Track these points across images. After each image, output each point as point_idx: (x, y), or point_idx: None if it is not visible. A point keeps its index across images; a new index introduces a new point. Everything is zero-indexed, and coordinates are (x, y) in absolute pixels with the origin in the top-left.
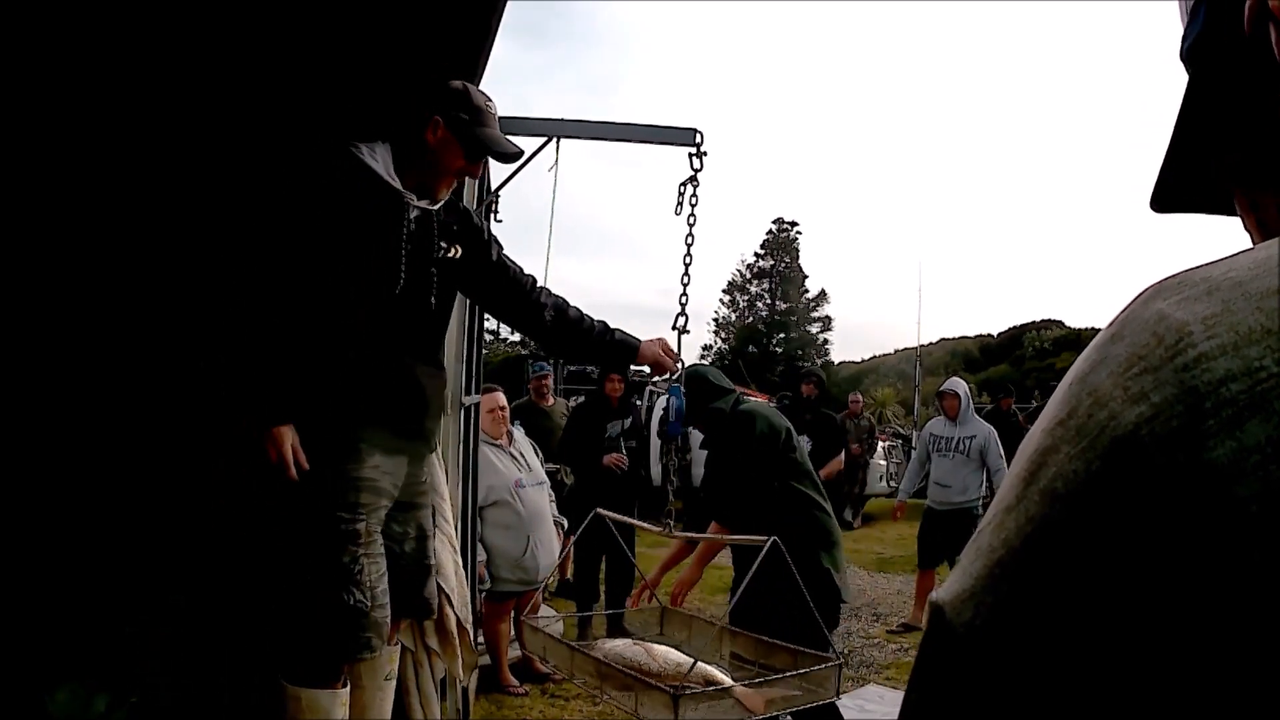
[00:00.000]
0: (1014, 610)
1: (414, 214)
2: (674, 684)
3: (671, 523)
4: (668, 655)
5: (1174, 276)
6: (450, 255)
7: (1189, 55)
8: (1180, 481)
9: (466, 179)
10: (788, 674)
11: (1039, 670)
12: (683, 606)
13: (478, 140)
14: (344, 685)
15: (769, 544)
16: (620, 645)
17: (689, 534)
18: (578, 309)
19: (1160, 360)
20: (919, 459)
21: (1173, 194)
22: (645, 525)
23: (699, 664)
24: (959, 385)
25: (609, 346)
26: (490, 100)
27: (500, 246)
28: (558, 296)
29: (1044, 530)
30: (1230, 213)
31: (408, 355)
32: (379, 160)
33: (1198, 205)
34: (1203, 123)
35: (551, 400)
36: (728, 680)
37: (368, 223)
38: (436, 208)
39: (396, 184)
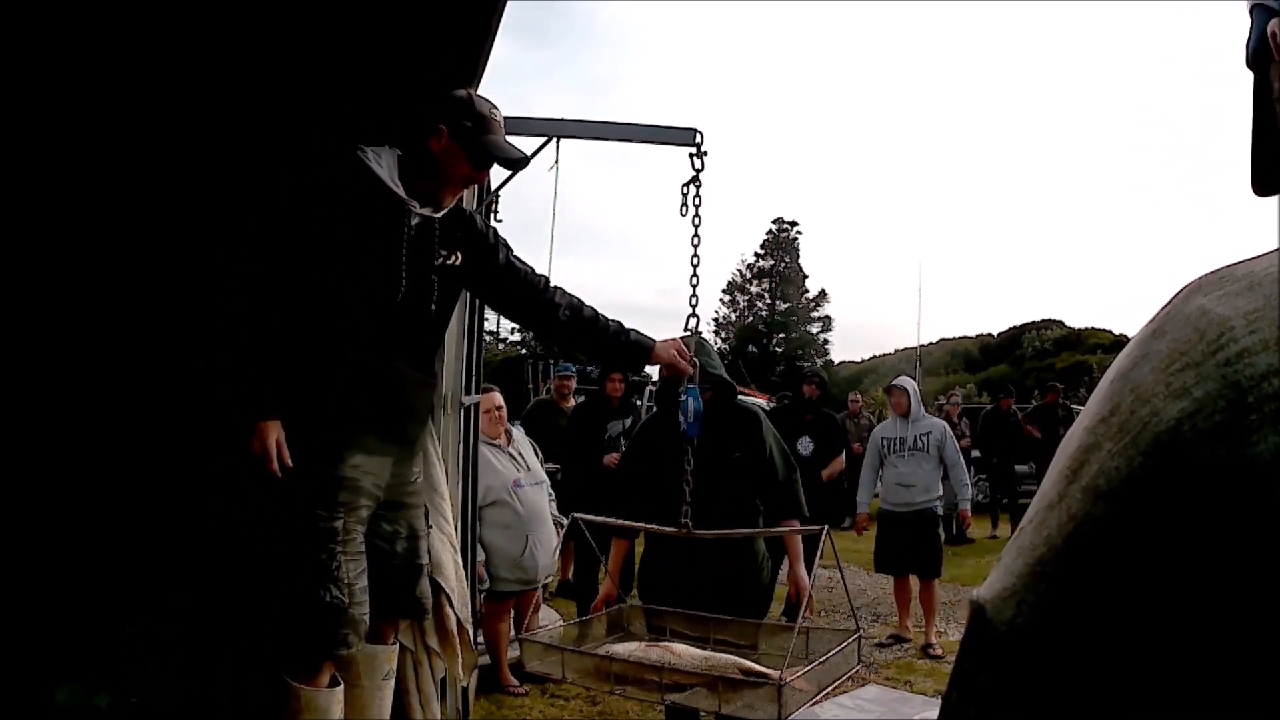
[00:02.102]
0: (1056, 608)
1: (415, 220)
2: (764, 677)
3: (689, 523)
4: (689, 651)
5: (1215, 272)
6: (451, 262)
7: (1251, 62)
8: (1222, 477)
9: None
10: (832, 653)
11: (1082, 668)
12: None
13: (483, 148)
14: (337, 683)
15: (824, 531)
16: (633, 647)
17: (715, 532)
18: (593, 308)
19: (1202, 356)
20: (871, 465)
21: (1270, 178)
22: (658, 527)
23: (729, 656)
24: (907, 382)
25: (624, 347)
26: (495, 108)
27: (509, 249)
28: (572, 296)
29: (1086, 527)
30: None
31: (400, 360)
32: (384, 166)
33: None
34: (1271, 118)
35: (572, 401)
36: (763, 668)
37: (368, 227)
38: (440, 215)
39: (399, 190)
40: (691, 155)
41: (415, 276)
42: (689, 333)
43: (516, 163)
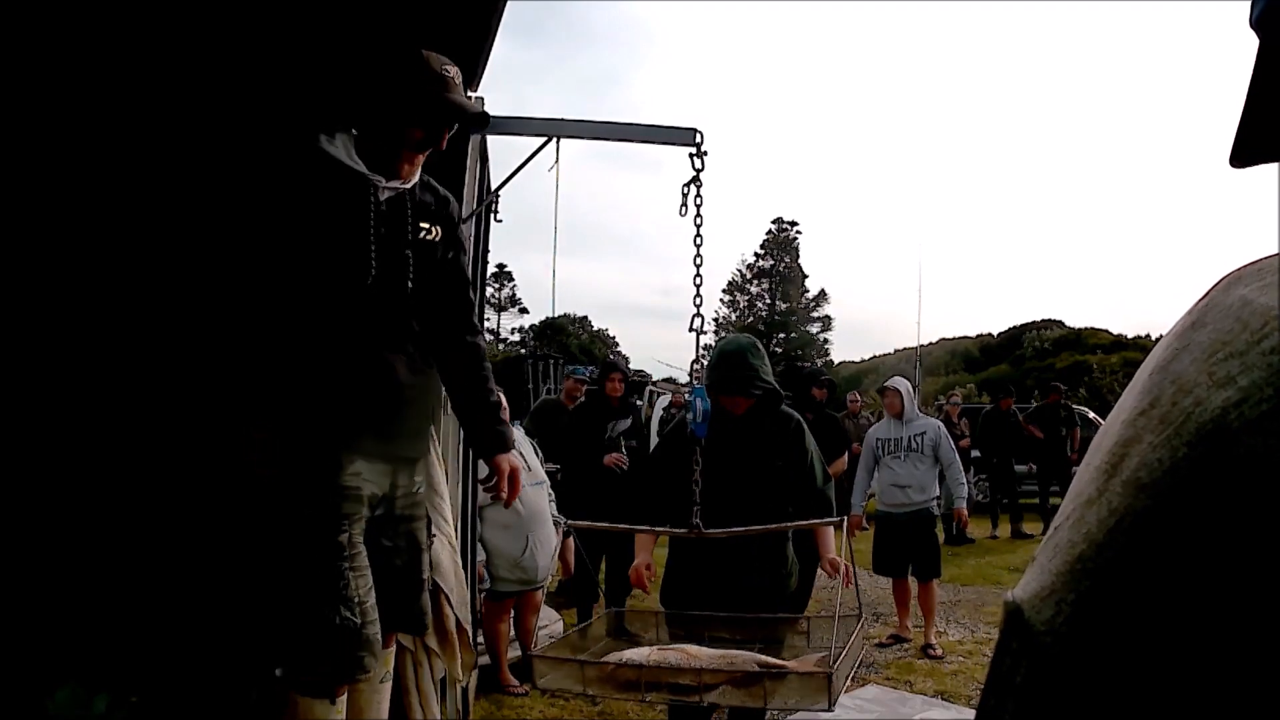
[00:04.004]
0: (1098, 606)
1: (385, 196)
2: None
3: (699, 523)
4: (704, 651)
5: (1254, 263)
6: (430, 237)
7: (1259, 24)
8: (1271, 465)
9: (466, 181)
10: (853, 638)
11: (1128, 667)
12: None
13: (435, 105)
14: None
15: (843, 521)
16: (647, 653)
17: (723, 530)
18: (487, 389)
19: (1246, 345)
20: (865, 467)
21: (1251, 149)
22: (670, 530)
23: (746, 652)
24: (901, 383)
25: (478, 422)
26: (449, 64)
27: (467, 280)
28: (480, 366)
29: (1129, 521)
30: None
31: (387, 350)
32: (339, 146)
33: (1277, 155)
34: (1277, 86)
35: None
36: (779, 661)
37: (332, 212)
38: (409, 186)
39: (360, 167)
40: (691, 155)
41: (387, 256)
42: (694, 332)
43: (473, 117)
